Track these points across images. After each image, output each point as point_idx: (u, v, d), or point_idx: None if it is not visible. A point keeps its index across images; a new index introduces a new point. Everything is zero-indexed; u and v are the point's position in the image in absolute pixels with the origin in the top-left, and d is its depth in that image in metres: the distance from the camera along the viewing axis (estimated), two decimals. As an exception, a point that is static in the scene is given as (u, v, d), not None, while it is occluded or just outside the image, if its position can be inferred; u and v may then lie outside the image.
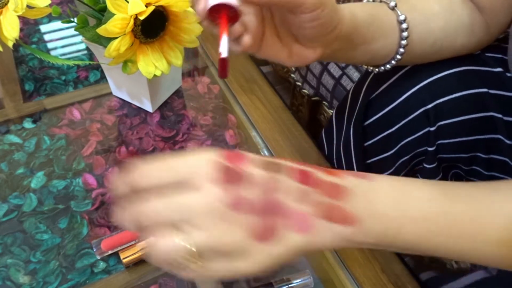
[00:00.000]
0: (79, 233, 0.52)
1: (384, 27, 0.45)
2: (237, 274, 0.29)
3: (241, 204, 0.28)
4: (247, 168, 0.29)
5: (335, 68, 0.84)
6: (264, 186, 0.29)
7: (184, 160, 0.29)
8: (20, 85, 0.70)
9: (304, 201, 0.30)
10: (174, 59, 0.55)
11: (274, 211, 0.29)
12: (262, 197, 0.29)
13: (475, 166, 0.53)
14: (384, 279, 0.50)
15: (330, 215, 0.30)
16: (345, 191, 0.31)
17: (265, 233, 0.29)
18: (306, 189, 0.30)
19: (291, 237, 0.29)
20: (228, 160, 0.29)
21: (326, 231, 0.30)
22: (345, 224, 0.30)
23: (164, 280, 0.49)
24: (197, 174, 0.28)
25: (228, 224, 0.28)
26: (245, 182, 0.29)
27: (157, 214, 0.28)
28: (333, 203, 0.30)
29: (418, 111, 0.50)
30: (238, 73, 0.75)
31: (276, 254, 0.29)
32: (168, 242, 0.27)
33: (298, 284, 0.48)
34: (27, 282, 0.48)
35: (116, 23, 0.46)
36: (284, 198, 0.29)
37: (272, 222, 0.29)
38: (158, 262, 0.28)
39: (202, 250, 0.27)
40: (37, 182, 0.57)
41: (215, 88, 0.73)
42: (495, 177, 0.53)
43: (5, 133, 0.63)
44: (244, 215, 0.28)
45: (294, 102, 1.01)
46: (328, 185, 0.31)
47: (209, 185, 0.28)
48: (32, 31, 0.80)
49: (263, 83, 0.74)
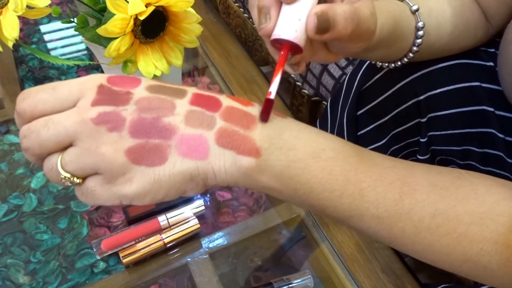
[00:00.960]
0: (79, 233, 0.52)
1: (403, 32, 0.44)
2: (123, 199, 0.27)
3: (107, 121, 0.26)
4: (133, 90, 0.27)
5: (335, 68, 0.84)
6: (144, 105, 0.27)
7: (68, 83, 0.27)
8: (20, 85, 0.70)
9: (197, 124, 0.28)
10: (174, 59, 0.55)
11: (158, 133, 0.27)
12: (137, 117, 0.27)
13: (470, 161, 0.53)
14: (384, 279, 0.50)
15: (227, 141, 0.28)
16: (253, 120, 0.29)
17: (147, 157, 0.27)
18: (202, 112, 0.28)
19: (179, 162, 0.27)
20: (113, 83, 0.27)
21: (221, 158, 0.28)
22: (244, 154, 0.28)
23: (164, 280, 0.49)
24: (79, 97, 0.27)
25: (96, 142, 0.26)
26: (123, 102, 0.27)
27: (37, 136, 0.26)
28: (234, 130, 0.28)
29: (409, 102, 0.51)
30: (238, 73, 0.75)
31: (162, 178, 0.27)
32: (46, 163, 0.27)
33: (298, 284, 0.48)
34: (27, 282, 0.48)
35: (116, 23, 0.46)
36: (172, 119, 0.27)
37: (156, 145, 0.27)
38: (49, 178, 0.28)
39: (72, 170, 0.26)
40: (37, 182, 0.57)
41: (215, 88, 0.73)
42: (493, 172, 0.53)
43: (5, 133, 0.63)
44: (116, 133, 0.26)
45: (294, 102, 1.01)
46: (233, 110, 0.29)
47: (83, 103, 0.26)
48: (32, 31, 0.80)
49: (263, 83, 0.74)
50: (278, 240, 0.55)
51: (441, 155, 0.54)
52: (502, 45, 0.46)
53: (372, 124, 0.55)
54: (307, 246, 0.54)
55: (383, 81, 0.52)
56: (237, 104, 0.29)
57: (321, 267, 0.53)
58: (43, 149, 0.27)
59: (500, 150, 0.51)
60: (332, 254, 0.53)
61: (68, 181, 0.27)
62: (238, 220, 0.55)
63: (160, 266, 0.50)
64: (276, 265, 0.52)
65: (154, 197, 0.28)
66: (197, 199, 0.54)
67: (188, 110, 0.28)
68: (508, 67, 0.44)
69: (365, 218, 0.30)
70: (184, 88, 0.29)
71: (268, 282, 0.48)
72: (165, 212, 0.52)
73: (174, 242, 0.51)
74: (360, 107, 0.55)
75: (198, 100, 0.28)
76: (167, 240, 0.50)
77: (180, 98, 0.28)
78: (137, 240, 0.50)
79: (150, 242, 0.50)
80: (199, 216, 0.54)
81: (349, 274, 0.51)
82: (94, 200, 0.28)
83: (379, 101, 0.53)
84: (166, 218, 0.52)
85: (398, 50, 0.46)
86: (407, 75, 0.50)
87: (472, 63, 0.50)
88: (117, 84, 0.28)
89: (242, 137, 0.28)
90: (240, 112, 0.29)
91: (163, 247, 0.50)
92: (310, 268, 0.52)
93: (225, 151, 0.28)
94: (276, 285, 0.48)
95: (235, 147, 0.28)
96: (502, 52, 0.46)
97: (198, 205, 0.54)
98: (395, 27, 0.42)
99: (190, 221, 0.52)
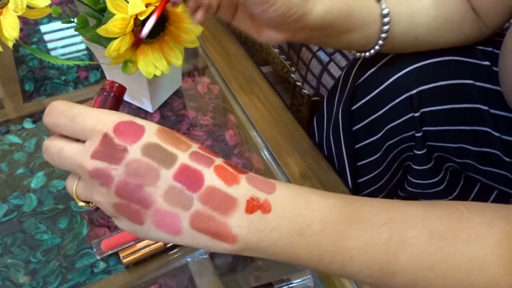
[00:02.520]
0: (79, 233, 0.52)
1: (363, 19, 0.45)
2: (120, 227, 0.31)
3: (100, 178, 0.28)
4: (130, 147, 0.28)
5: (335, 68, 0.84)
6: (132, 170, 0.28)
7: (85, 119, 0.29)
8: (20, 85, 0.70)
9: (174, 203, 0.28)
10: (174, 59, 0.55)
11: (138, 200, 0.28)
12: (123, 180, 0.28)
13: (467, 159, 0.53)
14: (384, 279, 0.50)
15: (201, 226, 0.28)
16: (233, 204, 0.28)
17: (129, 215, 0.29)
18: (182, 190, 0.28)
19: (154, 230, 0.29)
20: (117, 133, 0.29)
21: (195, 239, 0.28)
22: (220, 239, 0.28)
23: (164, 280, 0.49)
24: (89, 137, 0.29)
25: (91, 190, 0.29)
26: (117, 160, 0.28)
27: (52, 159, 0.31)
28: (210, 215, 0.28)
29: (402, 96, 0.51)
30: (238, 73, 0.75)
31: (141, 234, 0.30)
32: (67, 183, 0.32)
33: (298, 284, 0.48)
34: (27, 282, 0.48)
35: (116, 23, 0.46)
36: (153, 191, 0.28)
37: (136, 209, 0.28)
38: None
39: (84, 199, 0.31)
40: (37, 182, 0.57)
41: (215, 88, 0.73)
42: (492, 172, 0.53)
43: (5, 133, 0.63)
44: (106, 189, 0.29)
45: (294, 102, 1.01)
46: (213, 192, 0.28)
47: (87, 149, 0.29)
48: (32, 31, 0.80)
49: (263, 83, 0.74)
50: (278, 240, 0.55)
51: (437, 151, 0.54)
52: (502, 52, 0.46)
53: (367, 119, 0.55)
54: (307, 246, 0.54)
55: (377, 76, 0.53)
56: (221, 183, 0.29)
57: (321, 267, 0.53)
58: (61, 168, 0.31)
59: (496, 149, 0.51)
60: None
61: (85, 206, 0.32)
62: (238, 220, 0.55)
63: (160, 266, 0.50)
64: (276, 265, 0.52)
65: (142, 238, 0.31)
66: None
67: (169, 185, 0.28)
68: (508, 75, 0.44)
69: (359, 277, 0.30)
70: (176, 154, 0.29)
71: (268, 282, 0.48)
72: (165, 212, 0.52)
73: (174, 242, 0.51)
74: (355, 102, 0.55)
75: (182, 175, 0.28)
76: (167, 240, 0.50)
77: (167, 168, 0.28)
78: (137, 240, 0.50)
79: (150, 242, 0.50)
80: (199, 216, 0.54)
81: (349, 274, 0.51)
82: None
83: (373, 95, 0.53)
84: (166, 218, 0.52)
85: (364, 37, 0.46)
86: (400, 70, 0.51)
87: (466, 61, 0.50)
88: (120, 135, 0.29)
89: (218, 223, 0.28)
90: (221, 194, 0.28)
91: (163, 247, 0.51)
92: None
93: (199, 234, 0.28)
94: (276, 285, 0.48)
95: (210, 232, 0.28)
96: (503, 60, 0.46)
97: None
98: (350, 13, 0.44)
99: (190, 221, 0.52)
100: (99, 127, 0.29)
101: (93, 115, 0.29)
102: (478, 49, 0.51)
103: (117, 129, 0.29)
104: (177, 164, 0.28)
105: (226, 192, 0.28)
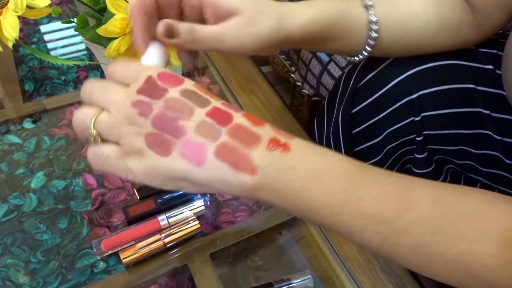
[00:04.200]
0: (79, 233, 0.52)
1: (350, 27, 0.45)
2: (128, 172, 0.32)
3: (141, 108, 0.31)
4: (170, 89, 0.32)
5: (335, 68, 0.84)
6: (170, 105, 0.31)
7: (136, 67, 0.34)
8: (20, 85, 0.70)
9: (204, 134, 0.30)
10: (174, 59, 0.54)
11: (171, 131, 0.30)
12: (161, 112, 0.31)
13: (468, 161, 0.53)
14: (384, 279, 0.50)
15: (226, 155, 0.30)
16: (257, 139, 0.30)
17: (158, 145, 0.31)
18: (212, 124, 0.31)
19: (178, 160, 0.30)
20: (160, 78, 0.32)
21: (216, 170, 0.30)
22: (240, 170, 0.30)
23: (164, 280, 0.49)
24: (133, 80, 0.32)
25: (127, 119, 0.31)
26: (157, 97, 0.31)
27: (91, 94, 0.33)
28: (235, 146, 0.30)
29: (402, 101, 0.51)
30: (238, 73, 0.75)
31: (160, 168, 0.31)
32: (82, 111, 0.33)
33: (298, 284, 0.48)
34: (27, 282, 0.48)
35: (116, 23, 0.46)
36: (186, 124, 0.30)
37: (167, 139, 0.30)
38: (74, 127, 0.33)
39: (100, 129, 0.32)
40: (37, 182, 0.57)
41: (215, 88, 0.73)
42: (492, 173, 0.53)
43: (5, 133, 0.63)
44: (143, 119, 0.31)
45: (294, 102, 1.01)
46: (240, 128, 0.31)
47: (132, 87, 0.32)
48: (32, 31, 0.80)
49: (263, 83, 0.74)
50: (278, 240, 0.55)
51: (438, 154, 0.54)
52: (505, 54, 0.46)
53: (367, 122, 0.55)
54: (307, 246, 0.54)
55: (377, 80, 0.52)
56: (247, 122, 0.31)
57: (321, 267, 0.53)
58: (96, 99, 0.33)
59: (497, 151, 0.51)
60: (332, 254, 0.53)
61: (91, 136, 0.32)
62: (238, 220, 0.55)
63: (160, 266, 0.50)
64: (276, 265, 0.52)
65: (151, 182, 0.32)
66: (197, 199, 0.54)
67: (202, 120, 0.31)
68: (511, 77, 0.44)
69: (366, 233, 0.30)
70: (210, 100, 0.32)
71: (268, 282, 0.48)
72: (165, 212, 0.52)
73: (174, 242, 0.51)
74: (355, 106, 0.55)
75: (214, 113, 0.31)
76: (167, 240, 0.50)
77: (201, 108, 0.31)
78: (137, 240, 0.50)
79: (150, 242, 0.50)
80: (199, 216, 0.54)
81: (349, 274, 0.51)
82: (103, 166, 0.33)
83: (373, 99, 0.53)
84: (166, 218, 0.52)
85: (352, 45, 0.47)
86: (401, 73, 0.50)
87: (468, 65, 0.50)
88: (162, 79, 0.32)
89: (241, 154, 0.30)
90: (246, 130, 0.31)
91: (163, 247, 0.50)
92: (310, 268, 0.52)
93: (222, 164, 0.30)
94: (276, 285, 0.48)
95: (232, 162, 0.30)
96: (506, 63, 0.45)
97: (198, 205, 0.54)
98: (335, 23, 0.44)
99: (190, 221, 0.52)
100: (145, 72, 0.32)
101: (139, 66, 0.34)
102: (481, 52, 0.51)
103: (160, 75, 0.32)
104: (210, 106, 0.31)
105: (251, 129, 0.31)
